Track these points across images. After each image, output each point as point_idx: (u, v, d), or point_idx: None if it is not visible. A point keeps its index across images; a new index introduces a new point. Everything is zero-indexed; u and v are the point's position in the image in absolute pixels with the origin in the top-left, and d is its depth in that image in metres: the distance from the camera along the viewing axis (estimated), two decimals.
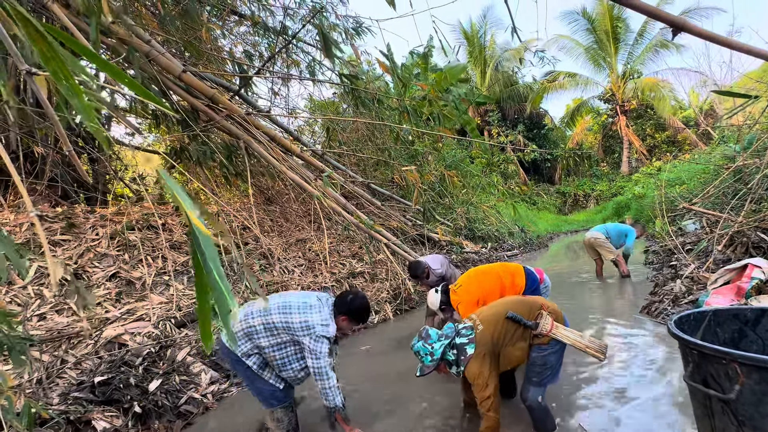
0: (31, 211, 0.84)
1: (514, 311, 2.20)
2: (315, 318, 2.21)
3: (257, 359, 2.27)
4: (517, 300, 2.37)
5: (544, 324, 2.16)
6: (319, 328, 2.19)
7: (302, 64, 6.73)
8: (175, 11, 4.60)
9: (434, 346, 2.17)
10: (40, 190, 4.92)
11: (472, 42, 21.98)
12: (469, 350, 2.12)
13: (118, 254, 4.27)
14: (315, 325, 2.19)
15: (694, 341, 1.50)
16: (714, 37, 2.19)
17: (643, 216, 12.89)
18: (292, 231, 6.48)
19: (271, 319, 2.21)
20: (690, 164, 10.76)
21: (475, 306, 2.93)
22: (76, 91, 0.66)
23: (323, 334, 2.19)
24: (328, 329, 2.21)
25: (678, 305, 4.08)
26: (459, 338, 2.18)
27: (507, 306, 2.27)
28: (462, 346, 2.15)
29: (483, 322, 2.22)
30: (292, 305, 2.24)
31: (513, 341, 2.18)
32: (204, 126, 5.00)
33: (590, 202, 23.22)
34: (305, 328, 2.19)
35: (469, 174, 11.94)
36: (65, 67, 0.66)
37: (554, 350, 2.18)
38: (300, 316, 2.20)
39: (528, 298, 2.37)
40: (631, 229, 6.45)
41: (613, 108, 22.79)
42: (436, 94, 7.40)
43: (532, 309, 2.23)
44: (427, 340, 2.20)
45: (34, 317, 3.29)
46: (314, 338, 2.18)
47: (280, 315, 2.22)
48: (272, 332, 2.22)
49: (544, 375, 2.19)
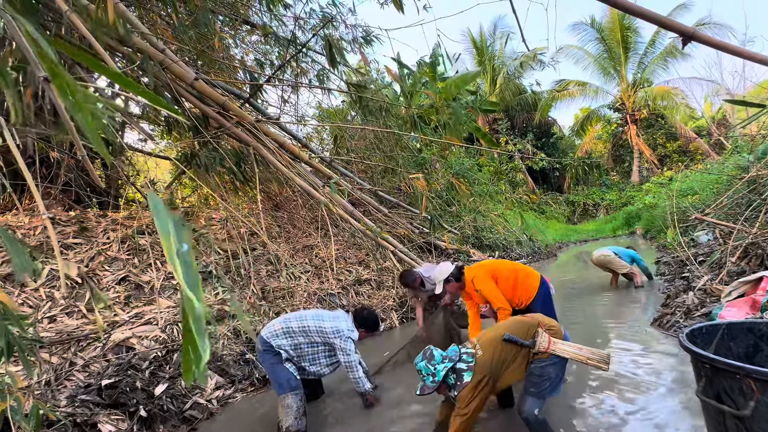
0: (44, 214, 0.86)
1: (510, 332, 2.22)
2: (343, 325, 2.90)
3: (285, 354, 2.81)
4: (514, 321, 2.38)
5: (541, 342, 2.17)
6: (346, 332, 2.87)
7: (311, 73, 6.83)
8: (189, 21, 4.71)
9: (437, 367, 2.18)
10: (54, 194, 5.03)
11: (481, 51, 22.08)
12: (466, 377, 2.13)
13: (128, 258, 4.32)
14: (344, 329, 2.87)
15: (707, 355, 1.46)
16: (725, 46, 2.17)
17: (654, 226, 12.69)
18: (299, 237, 6.51)
19: (307, 324, 2.87)
20: (702, 174, 10.60)
21: (490, 278, 3.07)
22: (81, 108, 0.68)
23: (350, 336, 2.88)
24: (353, 333, 2.92)
25: (691, 318, 3.99)
26: (460, 363, 2.20)
27: (503, 328, 2.29)
28: (461, 372, 2.17)
29: (482, 346, 2.23)
30: (324, 316, 2.94)
31: (512, 364, 2.19)
32: (214, 132, 5.08)
33: (600, 211, 22.96)
34: (336, 332, 2.85)
35: (476, 182, 11.90)
36: (72, 82, 0.68)
37: (552, 362, 2.17)
38: (331, 323, 2.88)
39: (526, 318, 2.38)
40: (635, 254, 6.39)
41: (623, 117, 22.62)
42: (444, 103, 7.43)
43: (529, 328, 2.25)
44: (430, 361, 2.21)
45: (44, 319, 3.34)
46: (344, 339, 2.84)
47: (314, 321, 2.88)
48: (306, 334, 2.85)
49: (542, 386, 2.16)
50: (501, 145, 20.89)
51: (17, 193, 4.93)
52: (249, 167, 5.51)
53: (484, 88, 22.25)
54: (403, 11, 3.98)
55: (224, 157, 5.14)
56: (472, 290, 3.17)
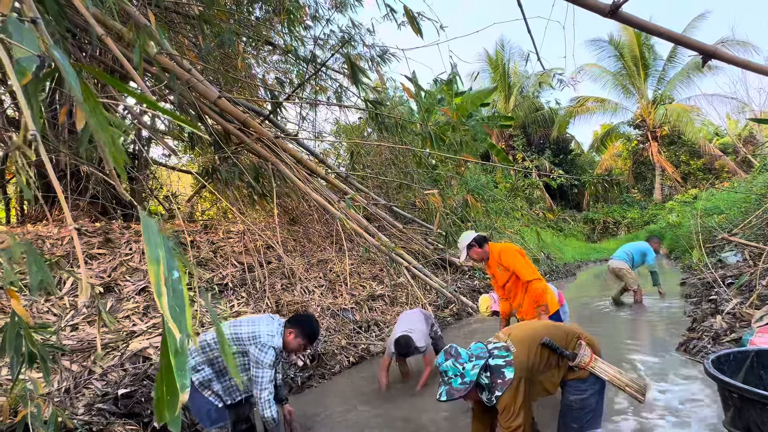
0: (71, 225, 0.91)
1: (550, 337, 1.95)
2: (262, 329, 2.40)
3: (201, 376, 2.41)
4: (551, 325, 2.15)
5: (583, 355, 1.91)
6: (265, 337, 2.37)
7: (330, 90, 7.00)
8: (214, 43, 4.93)
9: (465, 366, 1.86)
10: (82, 206, 5.24)
11: (497, 68, 22.22)
12: (508, 374, 1.83)
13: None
14: (261, 334, 2.38)
15: (735, 384, 1.39)
16: (748, 64, 2.13)
17: (679, 246, 12.26)
18: (314, 251, 6.56)
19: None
20: (729, 193, 10.24)
21: (519, 255, 3.01)
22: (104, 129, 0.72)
23: (268, 343, 2.36)
24: (273, 339, 2.39)
25: (719, 343, 3.80)
26: (493, 359, 1.90)
27: (541, 330, 2.02)
28: (499, 368, 1.86)
29: (516, 343, 1.94)
30: (242, 321, 2.47)
31: (546, 369, 1.93)
32: (235, 148, 5.23)
33: (621, 229, 22.33)
34: (252, 338, 2.38)
35: (492, 199, 11.81)
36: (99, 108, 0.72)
37: (593, 390, 1.92)
38: (248, 327, 2.41)
39: (562, 325, 2.17)
40: (648, 247, 6.51)
41: (644, 134, 22.20)
42: (459, 120, 7.48)
43: (568, 336, 1.99)
44: (457, 359, 1.89)
45: (67, 327, 3.44)
46: (259, 347, 2.36)
47: (230, 328, 2.44)
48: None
49: (584, 420, 1.93)
50: (517, 162, 20.76)
51: (48, 204, 5.16)
52: (267, 182, 5.63)
53: (500, 104, 22.30)
54: (422, 36, 4.01)
55: (243, 171, 5.27)
56: (495, 265, 3.10)
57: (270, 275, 5.20)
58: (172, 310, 0.54)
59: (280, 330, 2.46)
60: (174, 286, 0.56)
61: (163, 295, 0.54)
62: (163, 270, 0.56)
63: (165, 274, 0.56)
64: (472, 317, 6.67)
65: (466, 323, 6.40)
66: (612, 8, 1.46)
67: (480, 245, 3.10)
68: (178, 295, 0.56)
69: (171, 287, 0.56)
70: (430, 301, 6.48)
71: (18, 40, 0.70)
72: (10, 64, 0.74)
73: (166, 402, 0.52)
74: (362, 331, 5.10)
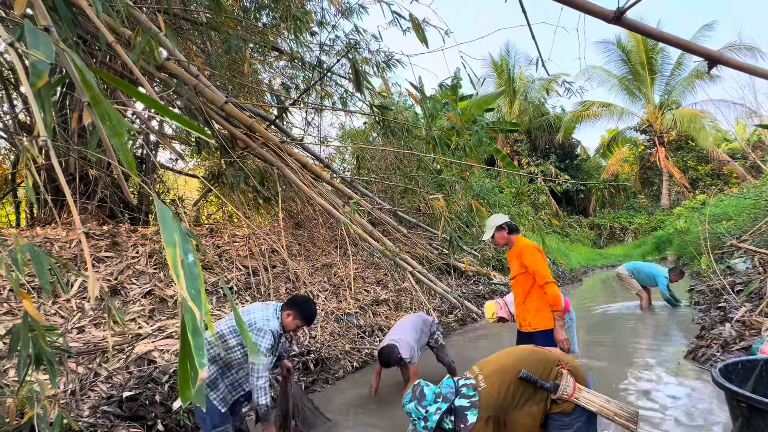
0: (79, 228, 0.92)
1: (527, 368, 1.81)
2: (257, 315, 2.44)
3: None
4: (530, 353, 1.96)
5: (565, 386, 1.78)
6: (261, 322, 2.40)
7: (335, 96, 7.05)
8: (221, 49, 5.00)
9: (429, 409, 1.78)
10: (90, 209, 5.31)
11: (502, 73, 22.24)
12: (471, 417, 1.73)
13: (155, 272, 4.47)
14: (257, 321, 2.41)
15: (744, 393, 1.37)
16: (754, 69, 2.12)
17: (686, 252, 12.11)
18: (318, 256, 6.57)
19: (220, 328, 2.45)
20: (738, 199, 10.12)
21: (539, 253, 3.01)
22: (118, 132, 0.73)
23: (264, 327, 2.39)
24: (268, 323, 2.41)
25: (728, 352, 3.74)
26: (459, 399, 1.80)
27: (517, 361, 1.88)
28: (462, 410, 1.76)
29: (487, 378, 1.83)
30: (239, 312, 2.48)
31: (522, 405, 1.78)
32: (241, 153, 5.28)
33: (628, 235, 22.12)
34: (248, 327, 2.37)
35: (497, 204, 11.77)
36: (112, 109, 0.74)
37: (581, 422, 1.77)
38: (244, 317, 2.42)
39: (541, 351, 1.98)
40: (661, 274, 6.38)
41: (651, 139, 22.05)
42: (464, 125, 7.49)
43: (547, 365, 1.85)
44: (421, 401, 1.80)
45: (74, 329, 3.47)
46: (255, 332, 2.38)
47: (226, 322, 2.48)
48: (222, 339, 2.44)
49: None
50: (522, 167, 20.70)
51: (57, 207, 5.23)
52: (272, 186, 5.67)
53: (504, 109, 22.29)
54: (428, 45, 4.03)
55: (249, 175, 5.31)
56: (513, 257, 3.10)
57: (275, 279, 5.21)
58: (189, 291, 0.56)
59: (277, 313, 2.50)
60: (190, 269, 0.58)
61: (180, 276, 0.56)
62: (179, 252, 0.58)
63: (181, 256, 0.58)
64: (477, 323, 6.63)
65: (471, 329, 6.36)
66: (616, 14, 1.46)
67: (510, 231, 3.10)
68: (194, 277, 0.58)
69: (187, 269, 0.58)
70: (434, 306, 6.45)
71: (34, 46, 0.72)
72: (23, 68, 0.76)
73: (188, 381, 0.54)
74: (366, 336, 5.09)
